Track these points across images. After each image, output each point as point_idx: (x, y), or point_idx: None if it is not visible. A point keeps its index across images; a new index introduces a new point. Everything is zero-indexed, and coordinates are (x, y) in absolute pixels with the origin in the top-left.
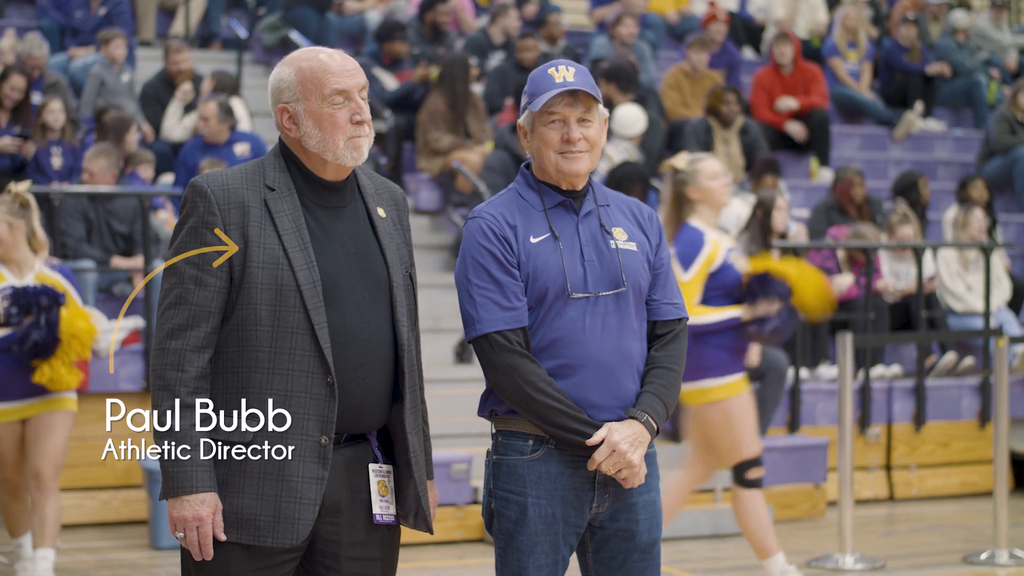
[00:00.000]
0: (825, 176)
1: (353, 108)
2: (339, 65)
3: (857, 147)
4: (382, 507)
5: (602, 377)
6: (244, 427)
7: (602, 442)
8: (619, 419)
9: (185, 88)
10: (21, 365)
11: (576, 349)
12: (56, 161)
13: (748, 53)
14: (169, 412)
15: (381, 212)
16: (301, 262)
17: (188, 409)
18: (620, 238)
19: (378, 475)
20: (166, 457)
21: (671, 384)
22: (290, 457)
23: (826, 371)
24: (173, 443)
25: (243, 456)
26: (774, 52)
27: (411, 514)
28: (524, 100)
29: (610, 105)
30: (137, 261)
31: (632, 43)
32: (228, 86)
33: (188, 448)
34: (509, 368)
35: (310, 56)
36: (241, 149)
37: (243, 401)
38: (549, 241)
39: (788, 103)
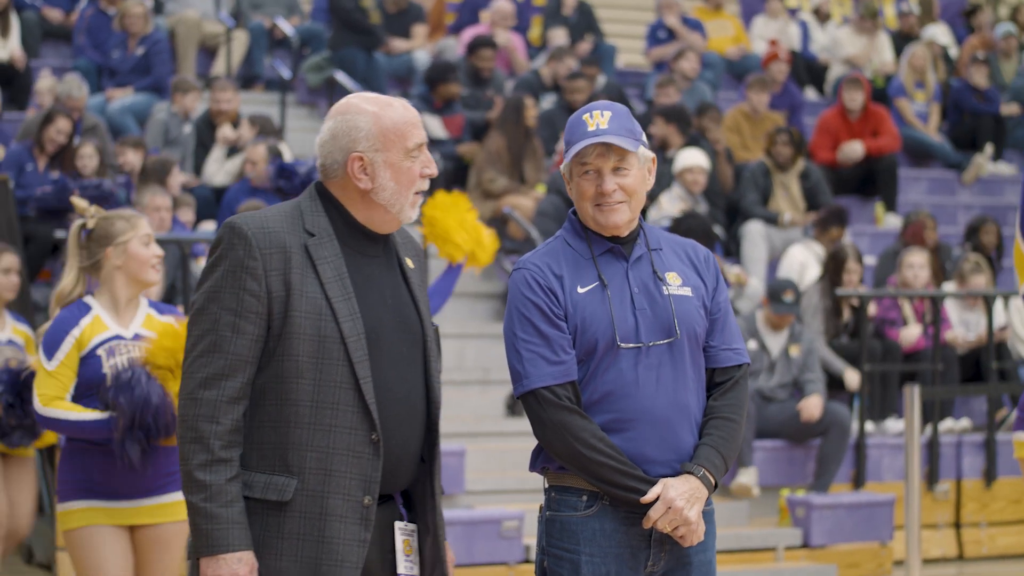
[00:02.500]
0: (891, 222)
1: (424, 161)
2: (415, 116)
3: (924, 191)
4: (407, 567)
5: (657, 430)
6: (283, 485)
7: (657, 499)
8: (676, 474)
9: (226, 130)
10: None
11: (629, 402)
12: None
13: (811, 94)
14: (202, 466)
15: (409, 263)
16: (345, 313)
17: (222, 464)
18: (674, 283)
19: (404, 534)
20: (200, 513)
21: (730, 435)
22: (331, 518)
23: (893, 425)
24: (207, 498)
25: (281, 516)
26: (843, 97)
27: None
28: (563, 147)
29: (666, 147)
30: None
31: (694, 78)
32: (269, 131)
33: (223, 504)
34: (558, 425)
35: (386, 104)
36: None
37: (282, 458)
38: (597, 290)
39: (855, 149)
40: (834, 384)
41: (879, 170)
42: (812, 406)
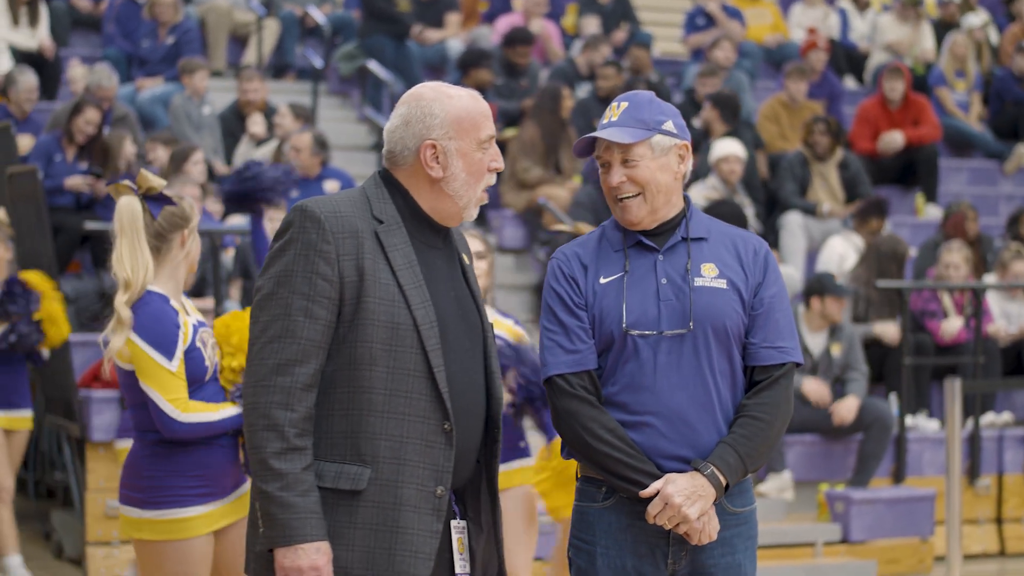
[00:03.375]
0: (932, 213)
1: (492, 154)
2: (488, 108)
3: (965, 182)
4: (461, 566)
5: (674, 426)
6: (355, 474)
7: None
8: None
9: (256, 120)
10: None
11: (646, 395)
12: None
13: (850, 83)
14: (278, 454)
15: (464, 257)
16: (417, 300)
17: (297, 452)
18: (708, 275)
19: (457, 531)
20: (275, 502)
21: (755, 435)
22: (405, 508)
23: (924, 423)
24: (284, 487)
25: (353, 506)
26: (884, 86)
27: None
28: None
29: (709, 134)
30: (208, 302)
31: (729, 67)
32: (305, 119)
33: (300, 493)
34: (568, 413)
35: (460, 94)
36: (331, 187)
37: (354, 446)
38: (619, 281)
39: (895, 139)
40: (876, 378)
41: (919, 160)
42: (845, 409)
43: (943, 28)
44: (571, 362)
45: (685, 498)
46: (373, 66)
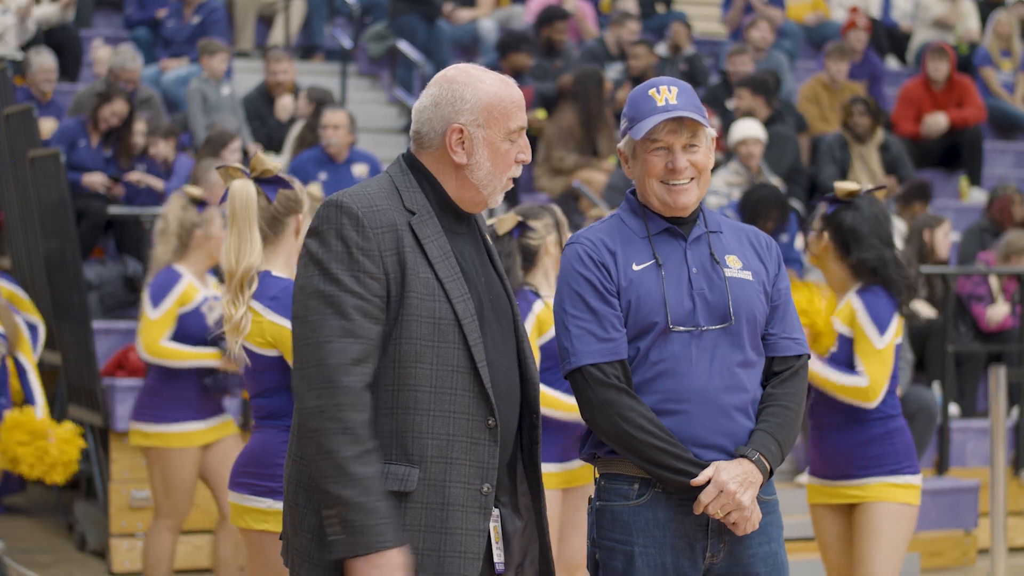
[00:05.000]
0: (976, 197)
1: (521, 145)
2: (521, 98)
3: (1011, 165)
4: (497, 555)
5: (711, 414)
6: (404, 475)
7: (709, 482)
8: (730, 458)
9: (284, 101)
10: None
11: (682, 382)
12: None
13: (892, 63)
14: (356, 459)
15: (488, 238)
16: (457, 293)
17: (373, 454)
18: (734, 266)
19: (493, 520)
20: (355, 509)
21: (787, 424)
22: (453, 508)
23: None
24: (363, 492)
25: (401, 507)
26: (928, 67)
27: (515, 566)
28: (624, 123)
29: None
30: None
31: (766, 48)
32: (328, 102)
33: (380, 497)
34: (605, 404)
35: (491, 80)
36: (360, 170)
37: (401, 446)
38: (652, 269)
39: (938, 121)
40: (919, 367)
41: (963, 143)
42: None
43: (988, 7)
44: (605, 351)
45: (739, 485)
46: (403, 46)
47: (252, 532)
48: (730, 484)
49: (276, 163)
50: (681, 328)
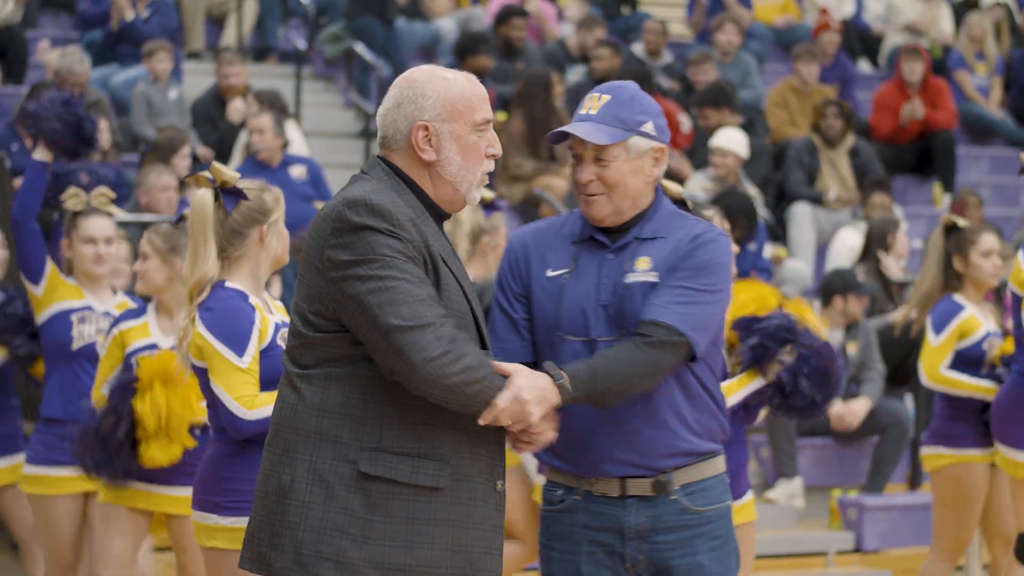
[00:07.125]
0: (948, 203)
1: (490, 139)
2: (483, 91)
3: (985, 171)
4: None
5: (608, 425)
6: (435, 469)
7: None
8: (636, 476)
9: (236, 105)
10: None
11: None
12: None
13: (864, 66)
14: (470, 356)
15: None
16: (469, 290)
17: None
18: (640, 268)
19: None
20: (471, 383)
21: (614, 360)
22: (477, 503)
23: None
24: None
25: (431, 502)
26: (902, 68)
27: None
28: None
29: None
30: None
31: (732, 52)
32: (278, 106)
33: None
34: None
35: (452, 76)
36: (298, 172)
37: (429, 440)
38: (562, 277)
39: (915, 109)
40: (893, 379)
41: (936, 148)
42: (852, 412)
43: (964, 7)
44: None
45: (533, 396)
46: (360, 49)
47: (204, 550)
48: (524, 392)
49: (234, 174)
50: (572, 338)
